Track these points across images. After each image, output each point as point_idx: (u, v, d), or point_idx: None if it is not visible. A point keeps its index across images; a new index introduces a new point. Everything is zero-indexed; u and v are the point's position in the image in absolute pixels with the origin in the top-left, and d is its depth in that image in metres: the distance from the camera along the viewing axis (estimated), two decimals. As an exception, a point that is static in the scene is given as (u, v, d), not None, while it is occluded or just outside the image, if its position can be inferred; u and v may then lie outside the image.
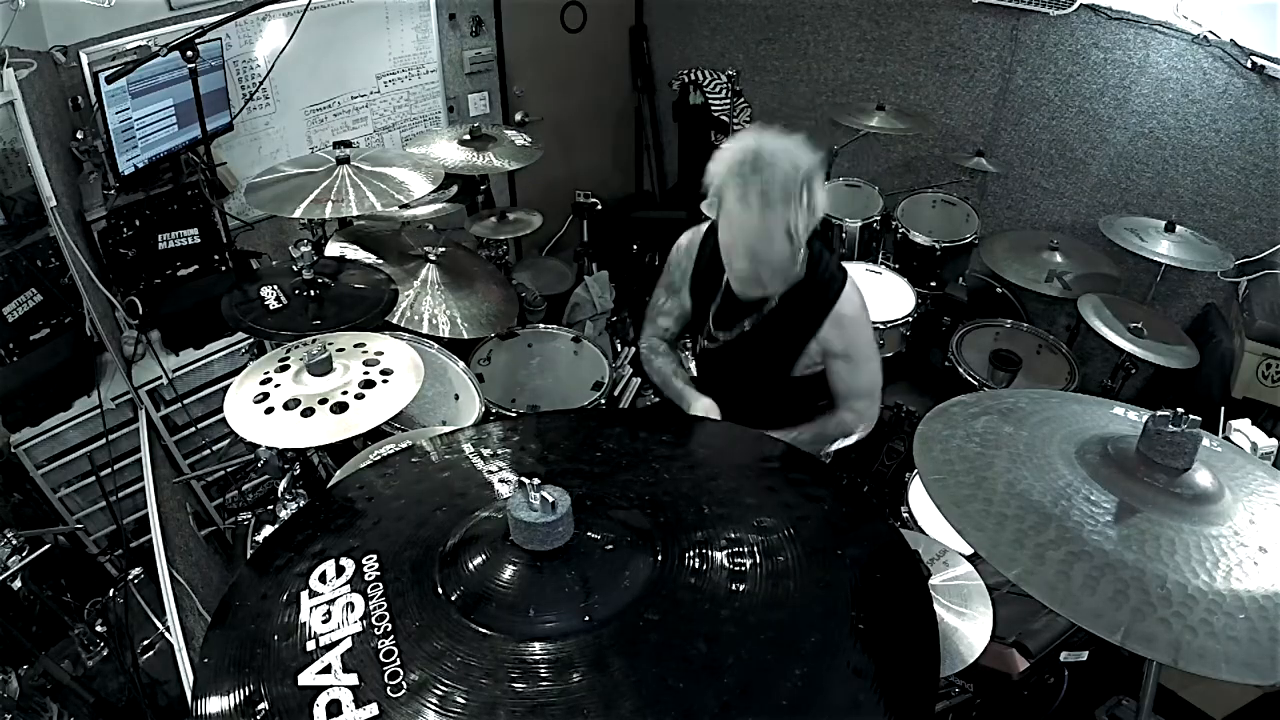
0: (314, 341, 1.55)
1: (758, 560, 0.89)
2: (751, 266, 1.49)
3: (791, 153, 1.42)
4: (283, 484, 1.69)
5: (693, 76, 4.10)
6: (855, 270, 1.85)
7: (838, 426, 1.73)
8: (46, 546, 1.72)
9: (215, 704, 0.77)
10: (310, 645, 0.81)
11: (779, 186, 1.38)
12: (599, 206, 3.73)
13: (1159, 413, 0.96)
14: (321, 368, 1.48)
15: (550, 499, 0.85)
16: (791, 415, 1.72)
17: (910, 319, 2.58)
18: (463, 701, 0.74)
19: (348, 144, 2.33)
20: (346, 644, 0.81)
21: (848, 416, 1.73)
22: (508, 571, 0.85)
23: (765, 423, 1.58)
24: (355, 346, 1.59)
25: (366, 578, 0.89)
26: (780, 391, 1.74)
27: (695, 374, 1.90)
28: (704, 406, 1.69)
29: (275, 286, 1.83)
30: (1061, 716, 1.67)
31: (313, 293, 1.83)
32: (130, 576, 1.98)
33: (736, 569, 0.88)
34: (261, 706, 0.76)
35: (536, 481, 0.86)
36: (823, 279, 1.61)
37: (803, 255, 1.54)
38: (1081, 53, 2.89)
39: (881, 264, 2.86)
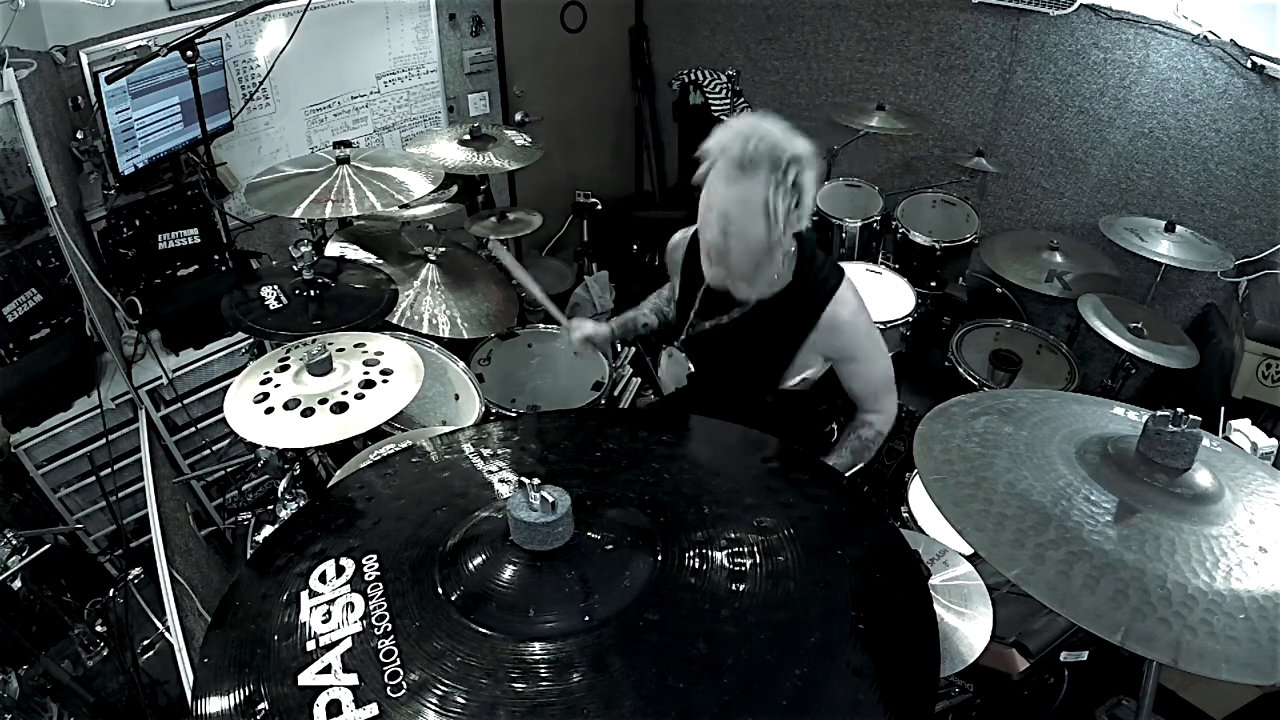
0: (314, 341, 1.56)
1: (758, 560, 0.89)
2: (722, 239, 1.42)
3: (786, 135, 1.38)
4: (283, 484, 1.69)
5: (693, 76, 4.09)
6: (855, 270, 1.86)
7: (869, 431, 1.70)
8: (46, 546, 1.72)
9: (215, 704, 0.77)
10: (310, 645, 0.81)
11: (764, 155, 1.34)
12: (599, 206, 3.73)
13: (1159, 413, 0.96)
14: (321, 368, 1.48)
15: (550, 499, 0.85)
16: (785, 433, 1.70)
17: (910, 319, 2.57)
18: (463, 701, 0.74)
19: (348, 144, 2.33)
20: (346, 644, 0.81)
21: (874, 418, 1.71)
22: (508, 571, 0.85)
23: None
24: (355, 346, 1.59)
25: (366, 578, 0.89)
26: (772, 405, 1.72)
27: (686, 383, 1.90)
28: (584, 328, 1.89)
29: (275, 286, 1.84)
30: (1061, 716, 1.67)
31: (313, 293, 1.83)
32: (130, 576, 1.97)
33: (736, 569, 0.88)
34: (261, 706, 0.76)
35: (536, 481, 0.86)
36: (813, 284, 1.57)
37: (788, 260, 1.53)
38: (1081, 53, 2.89)
39: (881, 264, 2.86)
